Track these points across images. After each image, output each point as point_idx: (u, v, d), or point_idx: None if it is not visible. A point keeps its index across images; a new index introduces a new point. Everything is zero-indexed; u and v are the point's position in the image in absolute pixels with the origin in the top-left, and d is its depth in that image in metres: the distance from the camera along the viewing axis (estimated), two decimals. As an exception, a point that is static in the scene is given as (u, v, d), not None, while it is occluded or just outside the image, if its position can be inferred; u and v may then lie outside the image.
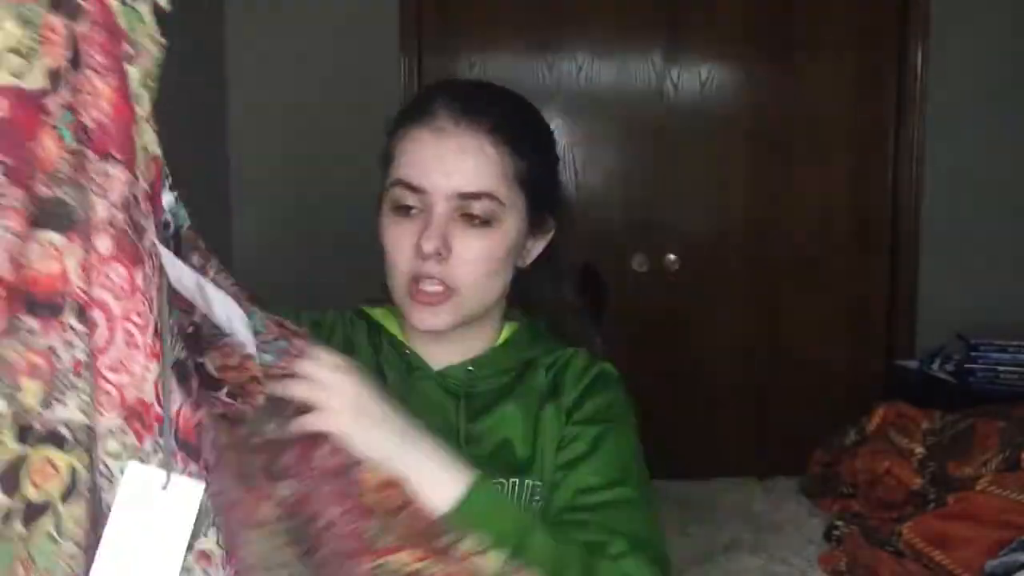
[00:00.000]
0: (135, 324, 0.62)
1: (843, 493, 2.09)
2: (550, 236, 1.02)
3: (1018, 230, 3.21)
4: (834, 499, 2.10)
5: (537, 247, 1.01)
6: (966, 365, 2.83)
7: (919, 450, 1.99)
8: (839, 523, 1.93)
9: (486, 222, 0.93)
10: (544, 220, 1.01)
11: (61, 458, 0.61)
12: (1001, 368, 2.80)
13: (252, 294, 0.75)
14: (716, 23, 3.21)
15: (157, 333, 0.63)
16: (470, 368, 0.99)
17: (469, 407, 0.98)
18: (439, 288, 0.93)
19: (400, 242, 0.94)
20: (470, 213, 0.92)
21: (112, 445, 0.62)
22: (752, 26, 3.21)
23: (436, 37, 3.21)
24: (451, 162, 0.91)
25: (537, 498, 0.95)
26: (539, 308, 1.06)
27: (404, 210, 0.94)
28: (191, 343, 0.69)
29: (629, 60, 3.23)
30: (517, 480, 0.94)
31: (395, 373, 1.00)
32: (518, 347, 1.02)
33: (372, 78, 3.11)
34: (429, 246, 0.91)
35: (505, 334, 1.03)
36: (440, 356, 1.00)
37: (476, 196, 0.92)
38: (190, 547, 0.64)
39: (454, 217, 0.92)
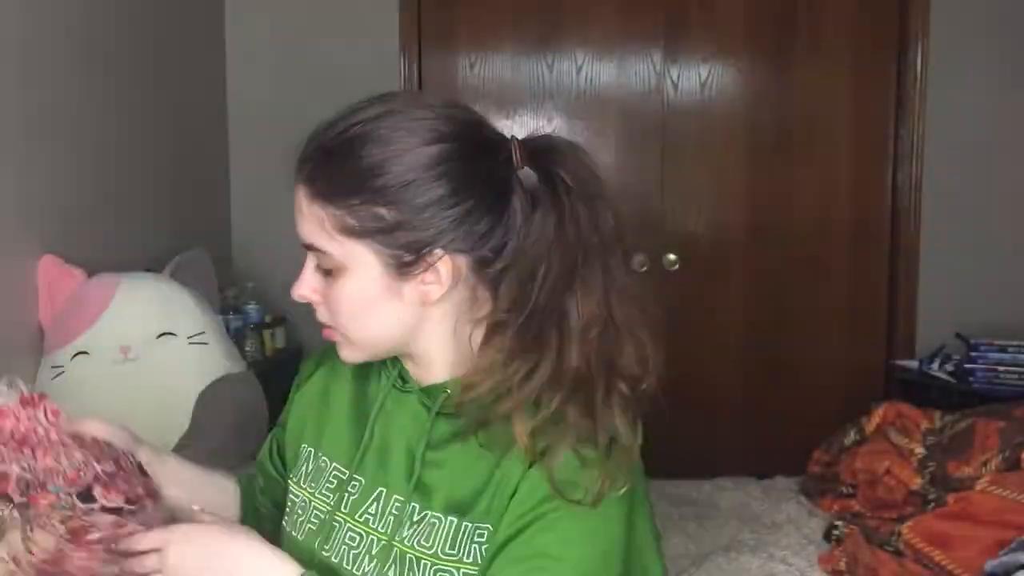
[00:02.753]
0: None
1: (843, 493, 2.09)
2: (457, 269, 0.91)
3: (1017, 230, 3.21)
4: (834, 499, 2.10)
5: (435, 286, 0.92)
6: (966, 365, 2.83)
7: (919, 450, 1.99)
8: (839, 523, 1.93)
9: (328, 271, 0.94)
10: (422, 261, 0.90)
11: None
12: (1001, 368, 2.80)
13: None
14: (716, 23, 3.21)
15: None
16: (446, 391, 0.95)
17: (437, 429, 0.95)
18: (328, 329, 0.97)
19: None
20: (319, 263, 0.94)
21: None
22: (752, 26, 3.21)
23: (436, 37, 3.21)
24: (297, 217, 0.95)
25: (482, 540, 0.90)
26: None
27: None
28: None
29: (629, 60, 3.23)
30: (455, 519, 0.91)
31: (388, 383, 1.01)
32: (492, 372, 0.92)
33: (372, 78, 3.10)
34: (295, 293, 0.96)
35: (486, 358, 0.93)
36: (420, 374, 0.99)
37: (310, 248, 0.94)
38: None
39: (313, 261, 0.95)
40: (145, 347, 2.01)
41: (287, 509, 1.06)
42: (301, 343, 3.01)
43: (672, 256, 3.24)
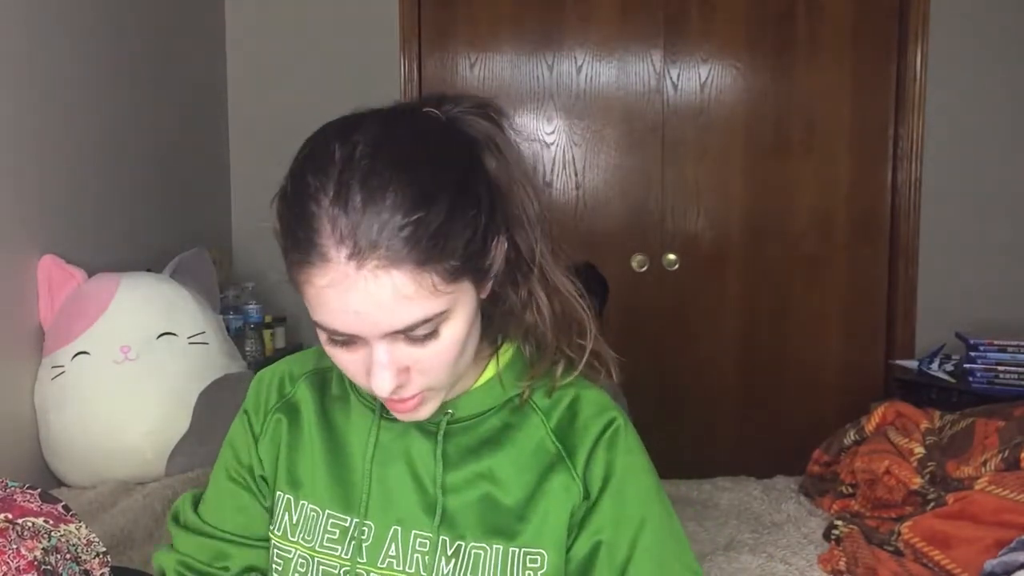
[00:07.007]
0: None
1: (843, 493, 2.09)
2: (504, 252, 0.86)
3: (1017, 230, 3.21)
4: (834, 499, 2.10)
5: (493, 277, 0.86)
6: (966, 365, 2.83)
7: (919, 450, 1.99)
8: (839, 523, 1.93)
9: (432, 334, 0.79)
10: (493, 250, 0.83)
11: None
12: (1001, 368, 2.79)
13: None
14: (716, 23, 3.21)
15: None
16: (448, 411, 0.91)
17: (448, 451, 0.90)
18: (408, 396, 0.83)
19: (346, 367, 0.83)
20: (412, 336, 0.78)
21: None
22: (752, 26, 3.21)
23: (436, 37, 3.22)
24: (371, 312, 0.76)
25: (536, 566, 0.88)
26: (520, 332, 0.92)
27: (337, 341, 0.81)
28: None
29: (629, 60, 3.24)
30: (501, 546, 0.88)
31: (369, 412, 0.94)
32: (500, 385, 0.92)
33: (372, 78, 3.11)
34: (383, 390, 0.79)
35: (489, 372, 0.92)
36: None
37: (411, 328, 0.77)
38: None
39: (397, 339, 0.78)
40: (145, 347, 2.01)
41: (276, 569, 0.94)
42: (301, 343, 3.02)
43: (672, 256, 3.24)
